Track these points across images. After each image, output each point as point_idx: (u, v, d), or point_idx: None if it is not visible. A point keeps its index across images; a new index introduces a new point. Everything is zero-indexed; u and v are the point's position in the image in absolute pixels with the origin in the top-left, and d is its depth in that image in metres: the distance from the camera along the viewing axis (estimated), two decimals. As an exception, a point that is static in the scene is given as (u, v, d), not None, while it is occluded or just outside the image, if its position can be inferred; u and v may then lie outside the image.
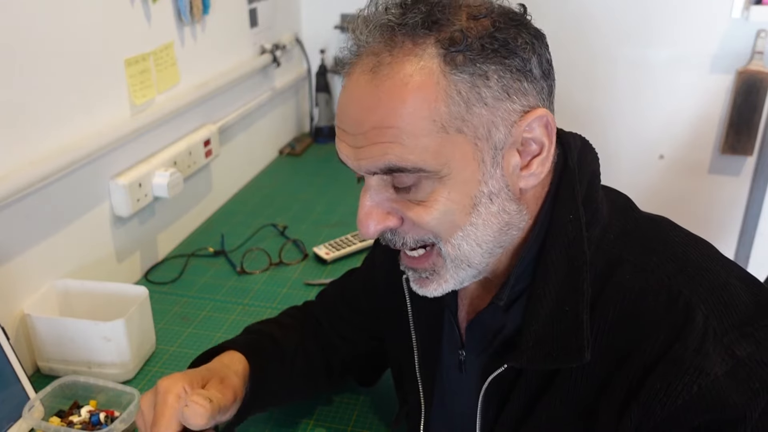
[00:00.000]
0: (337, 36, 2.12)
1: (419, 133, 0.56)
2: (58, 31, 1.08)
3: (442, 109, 0.56)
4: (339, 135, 0.62)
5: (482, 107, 0.57)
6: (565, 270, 0.62)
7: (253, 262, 1.39)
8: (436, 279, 0.65)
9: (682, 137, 2.00)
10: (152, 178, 1.31)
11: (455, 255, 0.62)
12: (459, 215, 0.60)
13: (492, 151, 0.59)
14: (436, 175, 0.58)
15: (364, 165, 0.60)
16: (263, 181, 1.86)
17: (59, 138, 1.10)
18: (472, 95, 0.56)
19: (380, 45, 0.57)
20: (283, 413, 0.96)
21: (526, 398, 0.65)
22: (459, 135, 0.57)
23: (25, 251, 1.05)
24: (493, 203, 0.60)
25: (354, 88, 0.59)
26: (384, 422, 0.94)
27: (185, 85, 1.46)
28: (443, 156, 0.57)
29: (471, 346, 0.72)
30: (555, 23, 1.95)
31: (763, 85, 1.84)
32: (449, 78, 0.56)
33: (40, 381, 1.01)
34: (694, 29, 1.88)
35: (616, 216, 0.66)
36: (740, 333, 0.56)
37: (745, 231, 2.03)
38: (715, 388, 0.53)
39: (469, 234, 0.61)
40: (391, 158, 0.57)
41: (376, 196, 0.61)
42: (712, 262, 0.62)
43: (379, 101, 0.57)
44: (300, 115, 2.21)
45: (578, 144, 0.68)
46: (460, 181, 0.59)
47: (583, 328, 0.59)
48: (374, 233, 0.62)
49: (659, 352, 0.56)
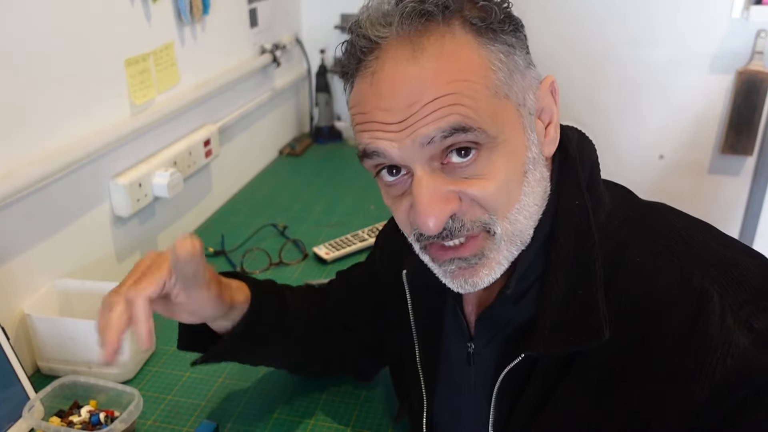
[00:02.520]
0: (337, 36, 2.12)
1: (477, 96, 0.57)
2: (58, 31, 1.08)
3: (490, 76, 0.58)
4: (374, 129, 0.59)
5: (518, 74, 0.60)
6: (575, 254, 0.62)
7: (253, 262, 1.39)
8: (486, 263, 0.62)
9: (682, 137, 2.00)
10: (152, 178, 1.31)
11: (512, 231, 0.61)
12: (515, 186, 0.60)
13: (529, 117, 0.62)
14: (494, 141, 0.58)
15: (422, 132, 0.56)
16: (263, 181, 1.86)
17: (59, 138, 1.10)
18: (510, 62, 0.59)
19: (411, 32, 0.58)
20: (283, 412, 0.96)
21: (542, 388, 0.64)
22: (507, 101, 0.59)
23: (25, 251, 1.05)
24: (536, 169, 0.62)
25: (393, 74, 0.57)
26: (384, 422, 0.94)
27: (185, 85, 1.46)
28: (499, 121, 0.59)
29: (480, 339, 0.72)
30: (555, 23, 1.95)
31: (763, 85, 1.85)
32: (488, 48, 0.58)
33: (40, 381, 1.01)
34: (694, 29, 1.88)
35: (618, 204, 0.67)
36: (756, 307, 0.57)
37: (745, 231, 2.03)
38: (747, 357, 0.54)
39: (523, 206, 0.61)
40: (457, 117, 0.56)
41: (433, 182, 0.59)
42: (717, 242, 0.63)
43: (432, 77, 0.56)
44: (300, 115, 2.21)
45: (575, 135, 0.69)
46: (512, 147, 0.60)
47: (599, 307, 0.59)
48: (440, 222, 0.58)
49: (683, 332, 0.56)
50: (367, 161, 0.62)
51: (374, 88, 0.59)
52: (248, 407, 0.97)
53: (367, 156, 0.61)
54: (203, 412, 0.96)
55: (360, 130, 0.61)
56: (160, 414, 0.96)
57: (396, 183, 0.63)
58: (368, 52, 0.59)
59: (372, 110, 0.59)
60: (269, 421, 0.95)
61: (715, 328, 0.55)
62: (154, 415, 0.96)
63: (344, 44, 0.63)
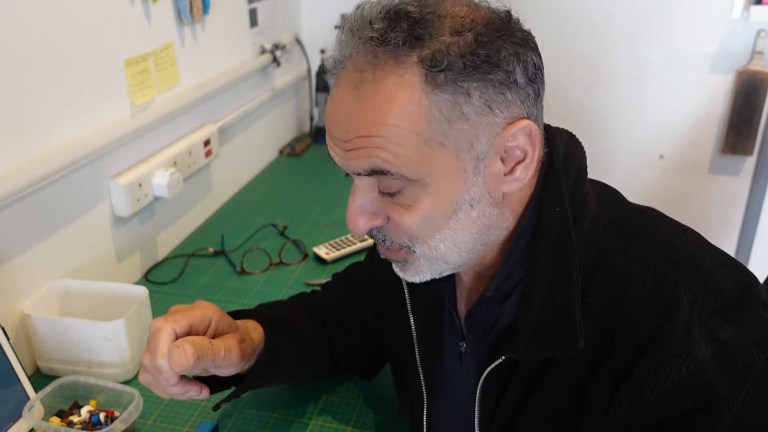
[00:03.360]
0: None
1: (402, 143, 0.58)
2: (58, 31, 1.08)
3: (423, 125, 0.58)
4: (328, 135, 0.64)
5: (464, 123, 0.58)
6: (555, 260, 0.63)
7: (253, 262, 1.39)
8: (411, 267, 0.68)
9: (682, 137, 2.00)
10: (152, 178, 1.31)
11: (431, 255, 0.65)
12: (439, 220, 0.62)
13: (474, 161, 0.60)
14: (419, 182, 0.60)
15: (351, 165, 0.62)
16: (263, 181, 1.86)
17: (59, 138, 1.10)
18: (453, 113, 0.58)
19: (363, 62, 0.59)
20: (283, 412, 0.96)
21: (522, 389, 0.66)
22: (441, 148, 0.59)
23: (25, 251, 1.05)
24: (473, 209, 0.62)
25: (339, 102, 0.61)
26: (384, 421, 0.94)
27: (185, 85, 1.46)
28: (426, 166, 0.59)
29: (470, 338, 0.74)
30: (555, 24, 1.95)
31: (763, 85, 1.85)
32: (430, 98, 0.57)
33: (40, 381, 1.01)
34: (694, 29, 1.88)
35: (604, 208, 0.67)
36: (724, 317, 0.57)
37: (745, 231, 2.03)
38: (701, 371, 0.55)
39: (446, 237, 0.63)
40: (377, 161, 0.59)
41: (364, 196, 0.65)
42: (698, 250, 0.64)
43: (364, 116, 0.59)
44: (300, 115, 2.21)
45: (564, 139, 0.69)
46: (442, 189, 0.61)
47: (575, 316, 0.61)
48: (362, 231, 0.66)
49: (647, 336, 0.58)
50: None
51: (330, 105, 0.63)
52: (248, 407, 0.97)
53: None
54: (203, 412, 0.96)
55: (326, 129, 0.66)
56: (160, 414, 0.96)
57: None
58: (334, 67, 0.63)
59: (328, 121, 0.64)
60: (269, 421, 0.95)
61: (678, 335, 0.56)
62: (154, 415, 0.96)
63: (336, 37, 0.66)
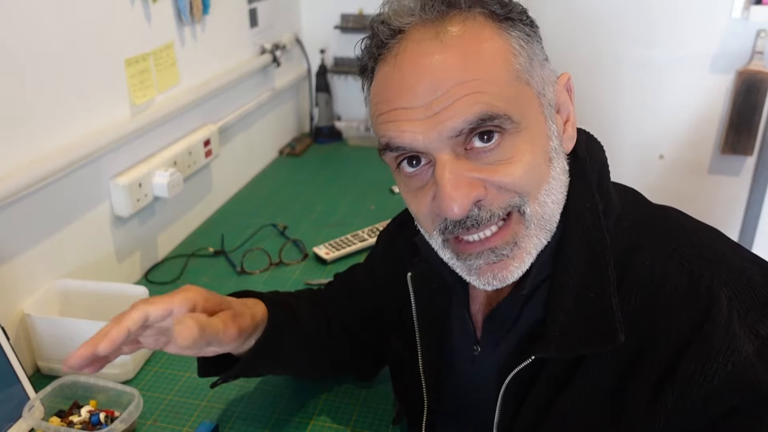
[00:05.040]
0: (337, 36, 2.12)
1: (500, 81, 0.58)
2: (58, 31, 1.07)
3: (511, 59, 0.59)
4: (399, 118, 0.58)
5: (537, 64, 0.61)
6: (587, 256, 0.62)
7: (253, 262, 1.39)
8: (517, 254, 0.61)
9: (682, 137, 2.00)
10: (152, 178, 1.31)
11: (542, 213, 0.61)
12: (543, 168, 0.61)
13: (549, 108, 0.62)
14: (518, 126, 0.58)
15: (449, 125, 0.56)
16: (263, 181, 1.86)
17: (59, 138, 1.10)
18: (529, 50, 0.60)
19: (433, 17, 0.59)
20: (283, 412, 0.96)
21: (549, 389, 0.64)
22: (528, 87, 0.60)
23: (25, 251, 1.05)
24: (560, 159, 0.63)
25: (417, 55, 0.57)
26: (384, 422, 0.94)
27: (185, 85, 1.46)
28: (522, 106, 0.59)
29: (487, 340, 0.72)
30: (555, 24, 1.95)
31: (763, 85, 1.85)
32: (509, 33, 0.59)
33: (40, 381, 1.01)
34: (694, 29, 1.88)
35: (627, 207, 0.67)
36: (762, 313, 0.57)
37: (745, 231, 2.03)
38: (747, 366, 0.54)
39: (552, 188, 0.61)
40: (482, 106, 0.56)
41: (457, 167, 0.58)
42: (725, 247, 0.63)
43: (456, 58, 0.57)
44: (300, 115, 2.21)
45: (584, 137, 0.69)
46: (536, 133, 0.60)
47: (613, 311, 0.59)
48: (465, 206, 0.57)
49: (688, 334, 0.57)
50: (389, 154, 0.61)
51: (397, 69, 0.58)
52: (248, 407, 0.97)
53: (391, 150, 0.60)
54: (203, 412, 0.96)
55: (383, 121, 0.60)
56: (160, 414, 0.96)
57: (416, 174, 0.62)
58: (391, 37, 0.60)
59: (395, 95, 0.58)
60: (269, 421, 0.95)
61: (720, 332, 0.56)
62: (154, 415, 0.96)
63: (363, 39, 0.63)
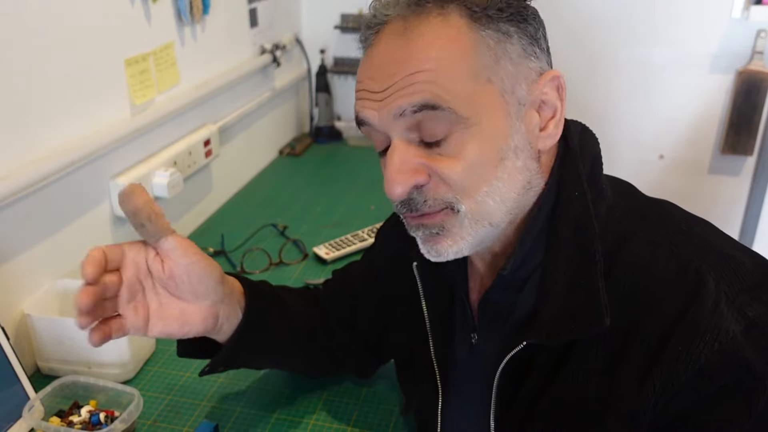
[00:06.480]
0: (337, 36, 2.12)
1: (454, 76, 0.59)
2: (58, 31, 1.08)
3: (472, 57, 0.59)
4: (363, 97, 0.63)
5: (508, 61, 0.61)
6: (576, 244, 0.63)
7: (253, 262, 1.39)
8: (448, 235, 0.64)
9: (682, 137, 2.00)
10: (152, 178, 1.31)
11: (477, 211, 0.62)
12: (487, 168, 0.61)
13: (516, 105, 0.62)
14: (467, 122, 0.60)
15: (395, 106, 0.59)
16: (263, 181, 1.86)
17: (59, 138, 1.10)
18: (499, 49, 0.60)
19: (407, 12, 0.61)
20: (283, 412, 0.96)
21: (543, 375, 0.65)
22: (488, 84, 0.60)
23: (25, 251, 1.05)
24: (518, 158, 0.62)
25: (383, 51, 0.62)
26: (385, 421, 0.94)
27: (185, 85, 1.46)
28: (475, 103, 0.60)
29: (483, 328, 0.73)
30: (554, 23, 1.94)
31: (763, 85, 1.84)
32: (478, 33, 0.60)
33: (40, 381, 1.01)
34: (694, 29, 1.88)
35: (620, 198, 0.68)
36: (750, 296, 0.58)
37: (745, 231, 2.03)
38: (734, 345, 0.55)
39: (494, 189, 0.62)
40: (427, 95, 0.59)
41: (405, 152, 0.61)
42: (716, 236, 0.65)
43: (413, 51, 0.60)
44: (300, 115, 2.21)
45: (578, 129, 0.71)
46: (488, 132, 0.61)
47: (599, 295, 0.61)
48: (404, 189, 0.61)
49: (676, 316, 0.58)
50: (362, 129, 0.66)
51: (368, 59, 0.64)
52: (248, 407, 0.97)
53: (359, 123, 0.65)
54: (203, 412, 0.96)
55: (356, 98, 0.65)
56: (160, 414, 0.96)
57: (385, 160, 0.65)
58: (372, 27, 0.64)
59: (364, 79, 0.63)
60: (269, 421, 0.95)
61: (707, 312, 0.57)
62: (154, 415, 0.96)
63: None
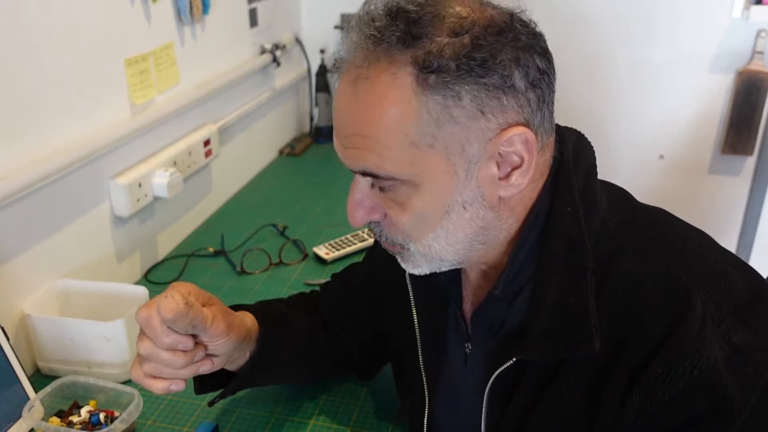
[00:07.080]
0: (337, 36, 2.12)
1: (392, 145, 0.59)
2: (58, 31, 1.07)
3: (412, 126, 0.59)
4: (335, 131, 0.65)
5: (453, 126, 0.59)
6: (567, 260, 0.63)
7: (253, 262, 1.39)
8: (407, 262, 0.69)
9: (682, 137, 2.00)
10: (152, 178, 1.31)
11: (425, 252, 0.66)
12: (432, 219, 0.63)
13: (466, 164, 0.61)
14: (411, 183, 0.61)
15: (348, 164, 0.64)
16: (263, 181, 1.85)
17: (59, 138, 1.10)
18: (442, 115, 0.58)
19: (362, 57, 0.60)
20: (283, 412, 0.96)
21: (532, 390, 0.65)
22: (430, 150, 0.60)
23: (25, 251, 1.05)
24: (466, 211, 0.63)
25: (339, 96, 0.63)
26: (384, 422, 0.94)
27: (185, 85, 1.46)
28: (415, 167, 0.60)
29: (476, 339, 0.73)
30: (555, 23, 1.95)
31: (763, 85, 1.84)
32: (420, 99, 0.58)
33: (40, 381, 1.01)
34: (694, 29, 1.88)
35: (614, 207, 0.67)
36: (737, 320, 0.57)
37: (745, 231, 2.03)
38: (714, 373, 0.55)
39: (439, 236, 0.64)
40: (366, 164, 0.61)
41: (362, 190, 0.66)
42: (709, 252, 0.64)
43: (358, 112, 0.60)
44: (300, 115, 2.21)
45: (573, 138, 0.69)
46: (432, 190, 0.62)
47: (590, 316, 0.60)
48: (360, 224, 0.67)
49: (660, 337, 0.57)
50: None
51: (334, 100, 0.66)
52: (248, 407, 0.97)
53: None
54: (203, 412, 0.96)
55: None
56: (160, 414, 0.96)
57: None
58: (340, 63, 0.64)
59: (333, 116, 0.66)
60: (269, 421, 0.95)
61: (692, 336, 0.56)
62: (154, 415, 0.96)
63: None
